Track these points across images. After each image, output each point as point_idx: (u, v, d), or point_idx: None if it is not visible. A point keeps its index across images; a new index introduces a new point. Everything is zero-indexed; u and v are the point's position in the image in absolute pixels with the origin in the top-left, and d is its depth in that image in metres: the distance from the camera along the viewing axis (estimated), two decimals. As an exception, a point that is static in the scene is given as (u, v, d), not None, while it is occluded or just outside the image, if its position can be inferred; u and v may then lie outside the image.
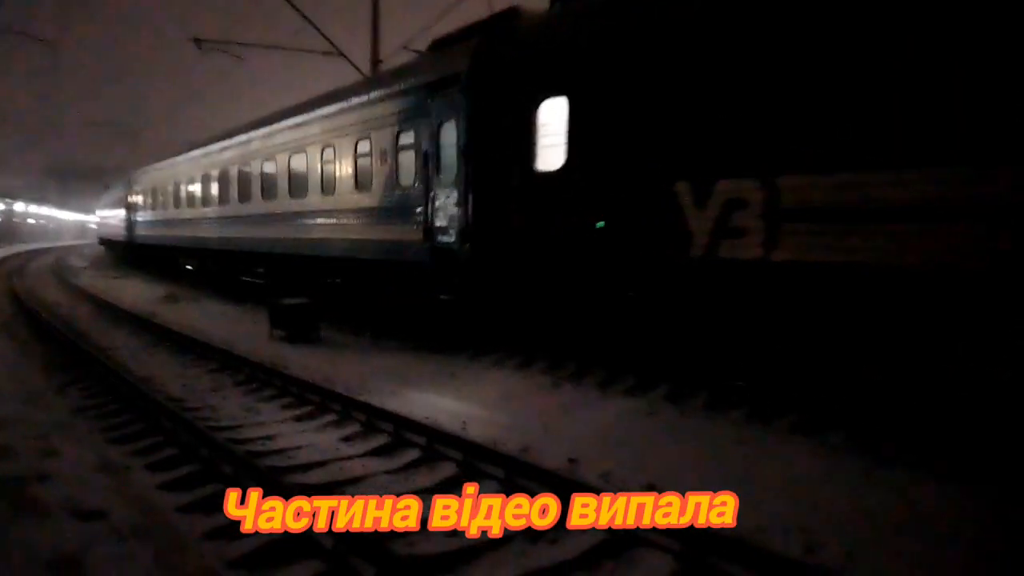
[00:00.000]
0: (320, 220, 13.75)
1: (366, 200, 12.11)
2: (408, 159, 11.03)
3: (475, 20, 10.86)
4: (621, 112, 7.83)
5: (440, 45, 11.43)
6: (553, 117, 8.60)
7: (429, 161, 10.39)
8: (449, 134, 10.08)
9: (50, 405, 7.79)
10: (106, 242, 44.80)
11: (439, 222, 10.22)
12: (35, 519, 4.25)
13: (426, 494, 5.28)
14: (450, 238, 9.99)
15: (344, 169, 12.80)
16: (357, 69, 18.47)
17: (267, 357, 10.28)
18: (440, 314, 10.94)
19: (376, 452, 6.40)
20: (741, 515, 4.70)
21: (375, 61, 18.65)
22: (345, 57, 18.54)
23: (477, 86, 9.61)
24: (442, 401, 7.91)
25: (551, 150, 8.66)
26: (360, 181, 12.29)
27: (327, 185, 13.37)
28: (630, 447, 6.20)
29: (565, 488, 5.02)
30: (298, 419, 7.57)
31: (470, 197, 9.62)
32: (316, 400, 7.98)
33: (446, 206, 10.09)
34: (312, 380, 8.57)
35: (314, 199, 13.89)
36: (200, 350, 11.10)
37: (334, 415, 7.54)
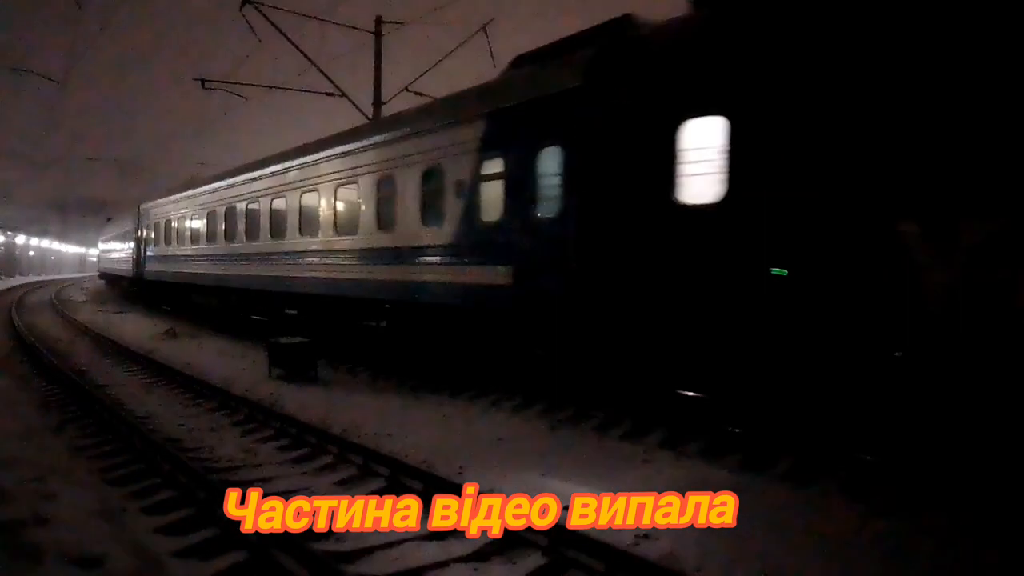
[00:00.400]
0: (367, 260, 12.57)
1: (428, 238, 10.90)
2: (493, 190, 9.64)
3: (588, 27, 9.44)
4: (819, 133, 6.26)
5: (531, 60, 10.12)
6: (703, 140, 7.11)
7: (523, 191, 9.03)
8: (550, 162, 8.74)
9: (48, 444, 7.79)
10: (108, 277, 43.48)
11: (531, 263, 8.86)
12: (32, 565, 4.26)
13: (421, 541, 5.31)
14: (547, 282, 8.62)
15: (407, 202, 11.50)
16: (359, 110, 18.76)
17: (265, 396, 10.31)
18: (531, 369, 9.77)
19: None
20: (736, 560, 4.71)
21: (377, 102, 18.96)
22: (347, 98, 18.84)
23: (592, 104, 8.22)
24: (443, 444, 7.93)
25: (700, 179, 7.15)
26: (427, 215, 11.00)
27: (384, 220, 12.06)
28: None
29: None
30: (295, 461, 7.58)
31: (575, 232, 8.26)
32: (313, 442, 7.99)
33: (541, 243, 8.72)
34: (309, 421, 8.59)
35: (367, 235, 12.57)
36: (199, 388, 11.12)
37: (331, 457, 7.55)
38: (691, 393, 8.34)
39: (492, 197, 9.61)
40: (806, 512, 5.74)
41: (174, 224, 24.17)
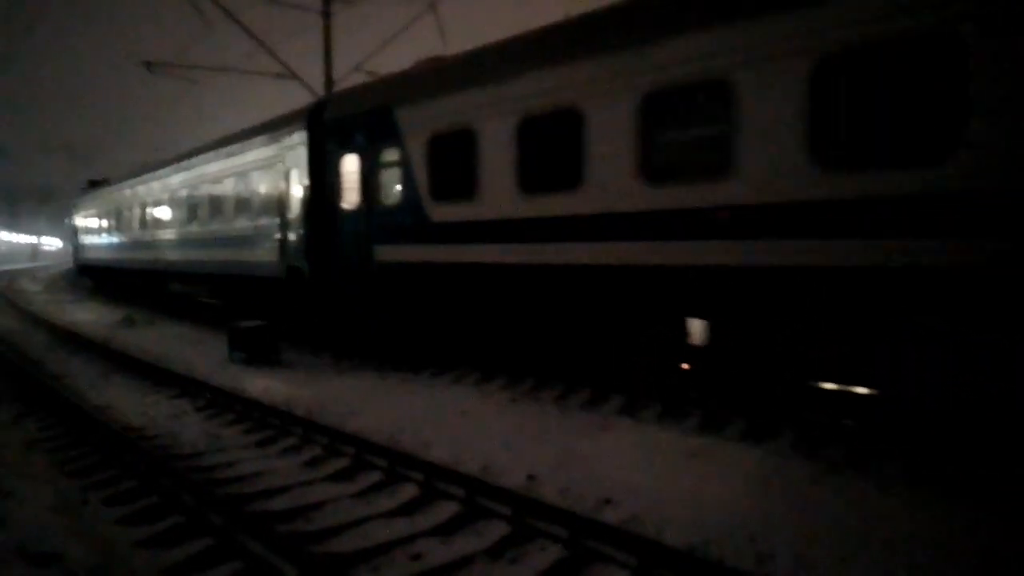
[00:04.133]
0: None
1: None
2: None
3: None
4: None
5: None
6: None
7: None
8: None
9: (3, 439, 7.66)
10: (94, 271, 31.56)
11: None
12: (-11, 565, 4.22)
13: (389, 517, 5.37)
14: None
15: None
16: (311, 91, 18.47)
17: (227, 381, 10.23)
18: None
19: (337, 476, 6.44)
20: (693, 527, 4.85)
21: (329, 82, 18.67)
22: (299, 79, 18.53)
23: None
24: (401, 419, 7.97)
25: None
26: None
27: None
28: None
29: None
30: (260, 444, 7.56)
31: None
32: (277, 424, 7.98)
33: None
34: (272, 404, 8.56)
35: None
36: (158, 375, 10.99)
37: (295, 439, 7.55)
38: None
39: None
40: (762, 468, 5.92)
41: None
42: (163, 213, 20.41)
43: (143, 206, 22.33)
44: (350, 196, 11.68)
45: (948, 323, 5.49)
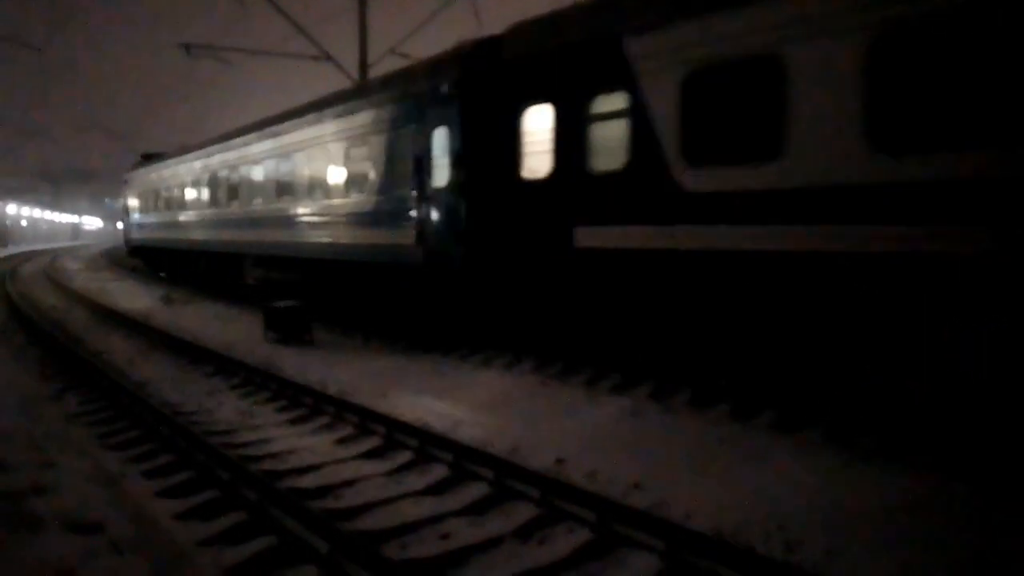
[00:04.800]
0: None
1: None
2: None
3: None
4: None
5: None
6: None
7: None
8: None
9: (46, 413, 7.88)
10: (149, 253, 28.74)
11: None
12: (32, 535, 4.35)
13: (418, 496, 5.43)
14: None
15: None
16: (346, 73, 18.55)
17: (261, 360, 10.40)
18: None
19: (369, 455, 6.52)
20: (722, 514, 4.84)
21: (363, 65, 18.73)
22: (334, 61, 18.61)
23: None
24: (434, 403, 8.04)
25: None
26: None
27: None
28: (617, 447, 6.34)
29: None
30: (292, 422, 7.69)
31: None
32: (310, 403, 8.10)
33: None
34: (306, 383, 8.69)
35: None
36: (195, 353, 11.20)
37: (328, 418, 7.66)
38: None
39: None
40: (792, 458, 5.87)
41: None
42: (241, 188, 17.50)
43: (213, 180, 19.29)
44: (535, 162, 9.14)
45: None
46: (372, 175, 12.08)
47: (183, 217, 22.47)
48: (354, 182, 12.65)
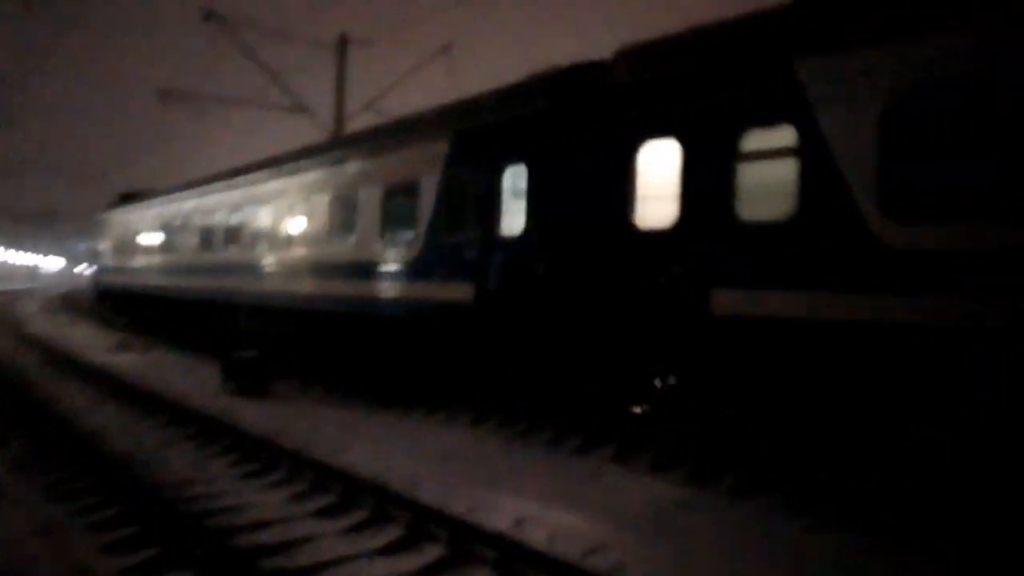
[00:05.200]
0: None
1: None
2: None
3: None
4: None
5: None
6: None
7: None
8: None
9: (-10, 461, 7.60)
10: (122, 299, 26.14)
11: None
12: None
13: (373, 557, 5.31)
14: None
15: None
16: (322, 126, 18.74)
17: (218, 411, 10.19)
18: None
19: (324, 512, 6.38)
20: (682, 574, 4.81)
21: (339, 118, 18.95)
22: (310, 113, 18.81)
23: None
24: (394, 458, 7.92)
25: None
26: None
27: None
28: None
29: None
30: (247, 476, 7.51)
31: None
32: (265, 456, 7.93)
33: None
34: (262, 435, 8.52)
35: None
36: (150, 402, 10.93)
37: (283, 472, 7.50)
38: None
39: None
40: (751, 526, 5.87)
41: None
42: (244, 232, 15.92)
43: (209, 222, 17.71)
44: (652, 208, 7.60)
45: None
46: (415, 221, 10.63)
47: (169, 262, 20.55)
48: (390, 229, 11.30)
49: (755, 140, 6.76)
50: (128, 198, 25.90)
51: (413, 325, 10.74)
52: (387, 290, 11.18)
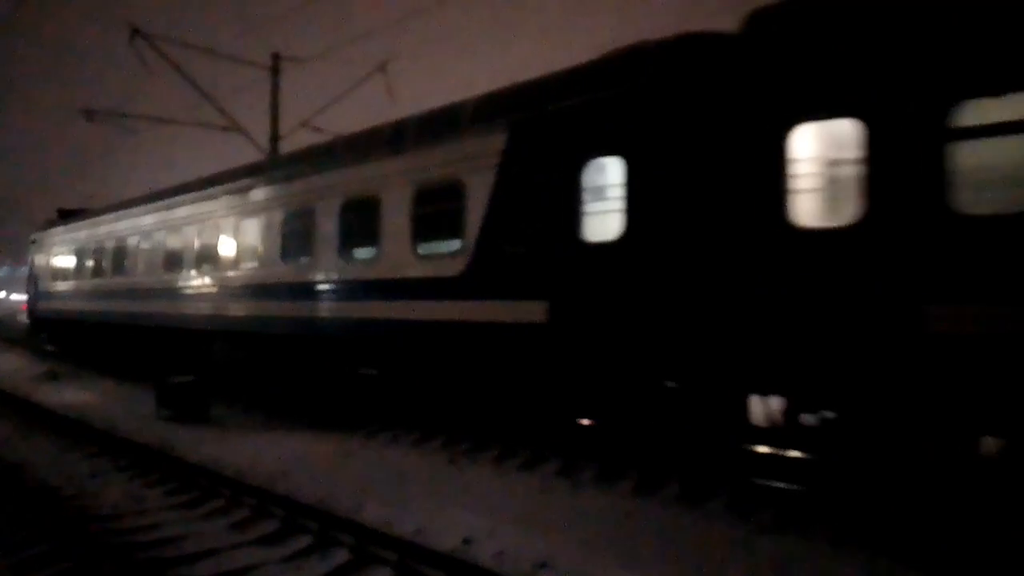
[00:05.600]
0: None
1: None
2: None
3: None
4: None
5: None
6: None
7: None
8: None
9: (-95, 500, 7.19)
10: (63, 328, 23.21)
11: None
12: None
13: (317, 583, 5.21)
14: None
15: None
16: (255, 144, 18.44)
17: (153, 439, 9.87)
18: None
19: (267, 540, 6.23)
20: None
21: (274, 137, 18.68)
22: (244, 132, 18.49)
23: None
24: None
25: None
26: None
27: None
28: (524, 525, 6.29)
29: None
30: (185, 505, 7.28)
31: None
32: (204, 484, 7.71)
33: None
34: (200, 463, 8.28)
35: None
36: (80, 432, 10.51)
37: (222, 500, 7.30)
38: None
39: None
40: (694, 532, 5.96)
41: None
42: (221, 249, 13.88)
43: (176, 237, 15.53)
44: (814, 202, 6.40)
45: None
46: (460, 230, 9.07)
47: (124, 284, 17.95)
48: (426, 237, 9.76)
49: (992, 112, 5.27)
50: (69, 215, 23.41)
51: (457, 352, 9.25)
52: (420, 311, 9.47)
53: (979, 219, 5.26)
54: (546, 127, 8.12)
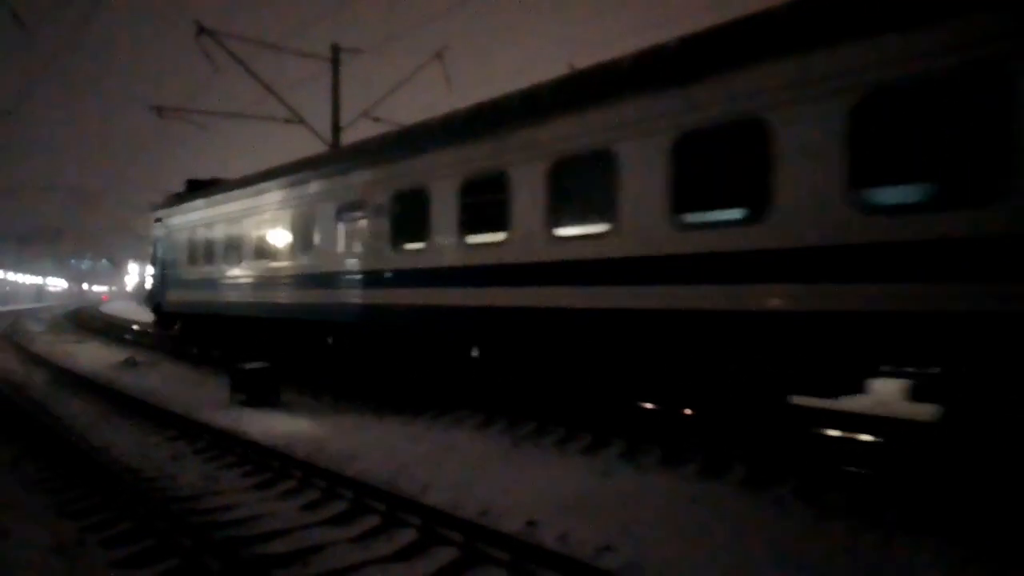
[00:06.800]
0: None
1: None
2: None
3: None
4: None
5: None
6: None
7: None
8: None
9: (1, 480, 7.64)
10: (199, 323, 19.13)
11: None
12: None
13: (386, 563, 5.33)
14: None
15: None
16: (319, 136, 18.79)
17: (227, 423, 10.22)
18: None
19: (336, 520, 6.40)
20: (694, 568, 4.82)
21: (336, 128, 18.99)
22: (306, 124, 18.85)
23: None
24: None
25: None
26: None
27: None
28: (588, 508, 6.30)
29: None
30: (258, 487, 7.53)
31: None
32: (276, 466, 7.95)
33: None
34: (272, 446, 8.54)
35: None
36: (159, 417, 10.97)
37: (294, 482, 7.52)
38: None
39: None
40: (763, 517, 5.88)
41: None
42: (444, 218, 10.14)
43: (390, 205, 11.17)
44: None
45: None
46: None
47: (289, 270, 14.06)
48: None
49: None
50: (200, 186, 19.49)
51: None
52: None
53: None
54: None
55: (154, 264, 21.72)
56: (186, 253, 18.98)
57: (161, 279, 20.92)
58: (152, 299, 22.09)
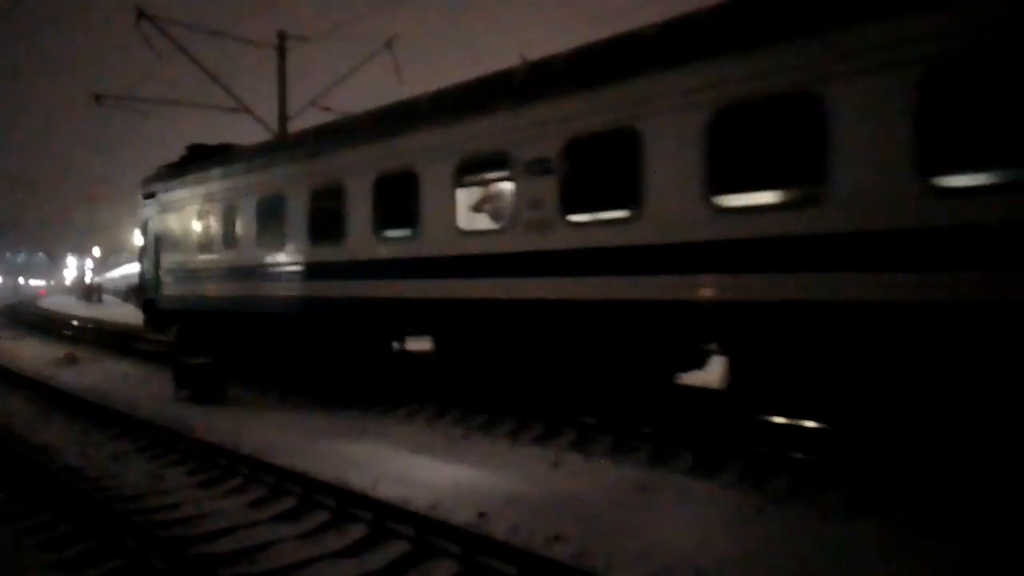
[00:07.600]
0: None
1: None
2: None
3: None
4: None
5: None
6: None
7: None
8: None
9: (-67, 483, 7.35)
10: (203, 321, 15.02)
11: None
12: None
13: (335, 558, 5.29)
14: None
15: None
16: (265, 125, 18.44)
17: (171, 420, 10.00)
18: None
19: (284, 516, 6.32)
20: (642, 561, 4.89)
21: (283, 117, 18.67)
22: (251, 113, 18.48)
23: None
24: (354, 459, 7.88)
25: None
26: None
27: None
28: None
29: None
30: (203, 484, 7.39)
31: None
32: (222, 463, 7.82)
33: None
34: (218, 443, 8.39)
35: None
36: (100, 415, 10.68)
37: (240, 479, 7.41)
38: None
39: None
40: (709, 501, 6.00)
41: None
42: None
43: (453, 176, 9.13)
44: None
45: None
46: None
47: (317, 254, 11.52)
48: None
49: None
50: (208, 153, 15.71)
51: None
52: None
53: None
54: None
55: (144, 250, 17.65)
56: (194, 236, 14.89)
57: (155, 268, 16.68)
58: (141, 294, 18.01)
